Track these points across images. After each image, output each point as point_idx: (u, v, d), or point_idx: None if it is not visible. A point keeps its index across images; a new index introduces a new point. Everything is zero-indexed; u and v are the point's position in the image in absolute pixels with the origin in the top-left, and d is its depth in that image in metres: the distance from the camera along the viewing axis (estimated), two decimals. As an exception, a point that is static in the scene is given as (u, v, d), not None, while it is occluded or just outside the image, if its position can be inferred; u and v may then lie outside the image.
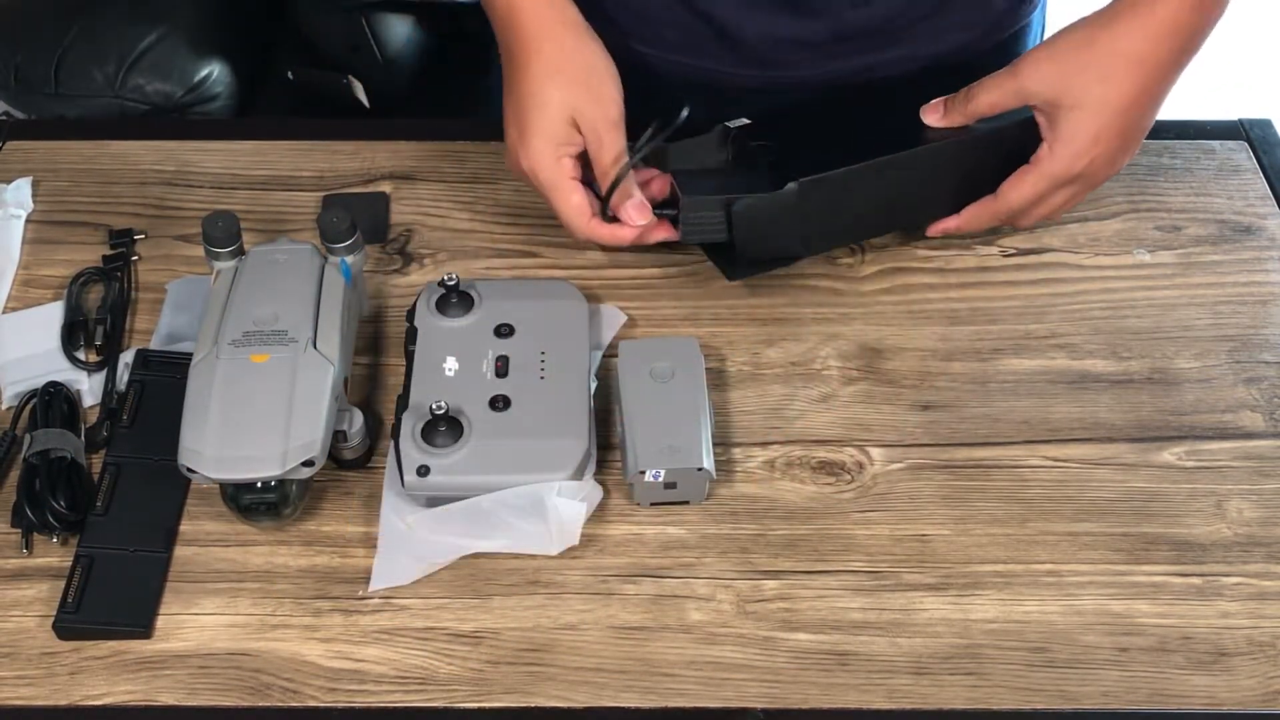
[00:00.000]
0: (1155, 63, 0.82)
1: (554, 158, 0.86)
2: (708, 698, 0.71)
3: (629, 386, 0.80)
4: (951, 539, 0.78)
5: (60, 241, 0.94)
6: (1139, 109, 0.84)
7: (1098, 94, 0.82)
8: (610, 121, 0.86)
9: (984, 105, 0.86)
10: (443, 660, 0.73)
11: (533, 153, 0.86)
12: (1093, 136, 0.83)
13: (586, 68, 0.87)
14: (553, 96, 0.86)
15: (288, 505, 0.75)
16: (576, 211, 0.86)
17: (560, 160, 0.86)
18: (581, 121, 0.85)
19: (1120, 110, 0.83)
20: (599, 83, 0.87)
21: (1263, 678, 0.72)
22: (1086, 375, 0.86)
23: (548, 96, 0.86)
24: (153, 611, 0.74)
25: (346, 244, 0.82)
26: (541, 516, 0.75)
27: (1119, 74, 0.82)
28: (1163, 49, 0.82)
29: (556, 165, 0.86)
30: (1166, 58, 0.83)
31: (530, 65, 0.86)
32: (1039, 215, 0.89)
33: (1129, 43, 0.82)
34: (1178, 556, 0.77)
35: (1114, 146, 0.84)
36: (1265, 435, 0.83)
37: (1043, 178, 0.85)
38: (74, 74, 1.39)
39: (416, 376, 0.80)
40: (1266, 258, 0.93)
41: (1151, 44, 0.82)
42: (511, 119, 0.88)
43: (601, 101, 0.86)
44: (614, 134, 0.86)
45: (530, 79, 0.86)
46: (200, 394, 0.74)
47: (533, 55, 0.87)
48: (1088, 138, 0.83)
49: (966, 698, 0.71)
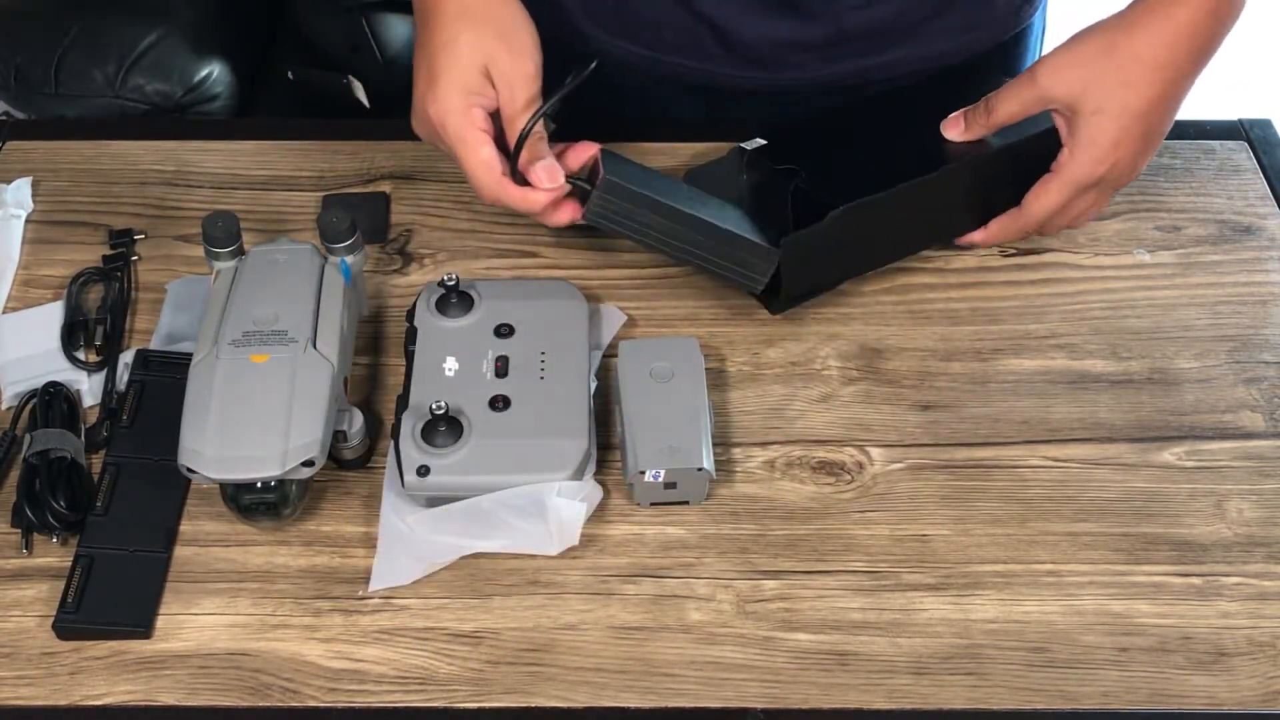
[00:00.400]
0: (1174, 67, 0.83)
1: (463, 107, 0.81)
2: (708, 698, 0.71)
3: (629, 386, 0.80)
4: (951, 539, 0.78)
5: (60, 241, 0.94)
6: (1159, 113, 0.84)
7: (1119, 98, 0.82)
8: (525, 75, 0.81)
9: (1004, 115, 0.85)
10: (443, 660, 0.73)
11: (440, 100, 0.81)
12: (1114, 140, 0.83)
13: (502, 16, 0.83)
14: (465, 43, 0.81)
15: (288, 505, 0.75)
16: (484, 167, 0.81)
17: (469, 110, 0.81)
18: (495, 72, 0.81)
19: (1141, 114, 0.83)
20: (515, 32, 0.82)
21: (1263, 678, 0.72)
22: (1086, 375, 0.86)
23: (460, 43, 0.81)
24: (153, 611, 0.74)
25: (346, 244, 0.82)
26: (541, 516, 0.75)
27: (1140, 78, 0.82)
28: (1181, 53, 0.83)
29: (465, 115, 0.81)
30: (1185, 61, 0.83)
31: (442, 11, 0.82)
32: (1062, 224, 0.89)
33: (1149, 48, 0.82)
34: (1178, 556, 0.77)
35: (1135, 150, 0.84)
36: (1265, 435, 0.83)
37: (1066, 184, 0.85)
38: (74, 74, 1.39)
39: (416, 376, 0.80)
40: (1266, 258, 0.93)
41: (1170, 49, 0.82)
42: (421, 68, 0.83)
43: (517, 52, 0.82)
44: (529, 87, 0.81)
45: (442, 25, 0.82)
46: (200, 394, 0.74)
47: (445, 3, 0.82)
48: (1109, 142, 0.83)
49: (966, 698, 0.71)
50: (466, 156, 0.81)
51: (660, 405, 0.79)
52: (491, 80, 0.81)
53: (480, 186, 0.81)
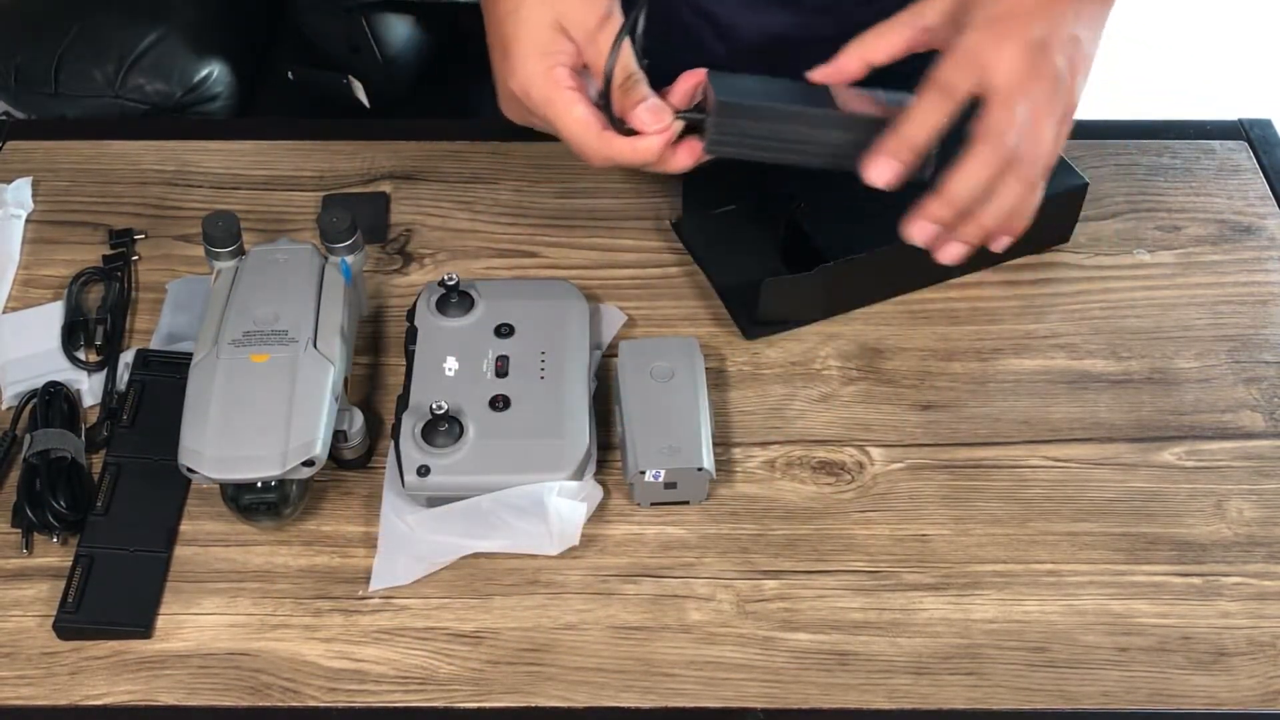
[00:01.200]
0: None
1: (543, 70, 0.75)
2: (708, 698, 0.71)
3: (629, 386, 0.80)
4: (951, 539, 0.78)
5: (60, 241, 0.94)
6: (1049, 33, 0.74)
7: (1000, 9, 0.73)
8: (601, 16, 0.75)
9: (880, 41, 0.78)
10: (443, 660, 0.73)
11: (518, 70, 0.76)
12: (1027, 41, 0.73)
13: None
14: (530, 3, 0.76)
15: (288, 505, 0.75)
16: (580, 125, 0.75)
17: (551, 71, 0.75)
18: (569, 23, 0.75)
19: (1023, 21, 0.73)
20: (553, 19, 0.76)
21: (1263, 678, 0.72)
22: (1086, 375, 0.86)
23: (525, 4, 0.76)
24: (153, 611, 0.74)
25: (346, 244, 0.82)
26: (541, 516, 0.75)
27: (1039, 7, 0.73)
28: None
29: (547, 77, 0.75)
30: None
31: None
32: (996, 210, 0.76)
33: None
34: (1178, 556, 0.77)
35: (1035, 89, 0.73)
36: (1265, 435, 0.83)
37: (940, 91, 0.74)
38: (74, 74, 1.39)
39: (416, 376, 0.80)
40: (1266, 258, 0.93)
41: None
42: (494, 44, 0.78)
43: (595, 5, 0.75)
44: (609, 28, 0.75)
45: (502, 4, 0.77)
46: (200, 394, 0.74)
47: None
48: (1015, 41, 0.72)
49: (966, 698, 0.71)
50: (560, 118, 0.75)
51: (660, 405, 0.79)
52: (568, 34, 0.76)
53: (583, 148, 0.76)
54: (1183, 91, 2.28)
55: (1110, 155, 1.00)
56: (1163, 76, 2.26)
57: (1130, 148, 1.01)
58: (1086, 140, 0.98)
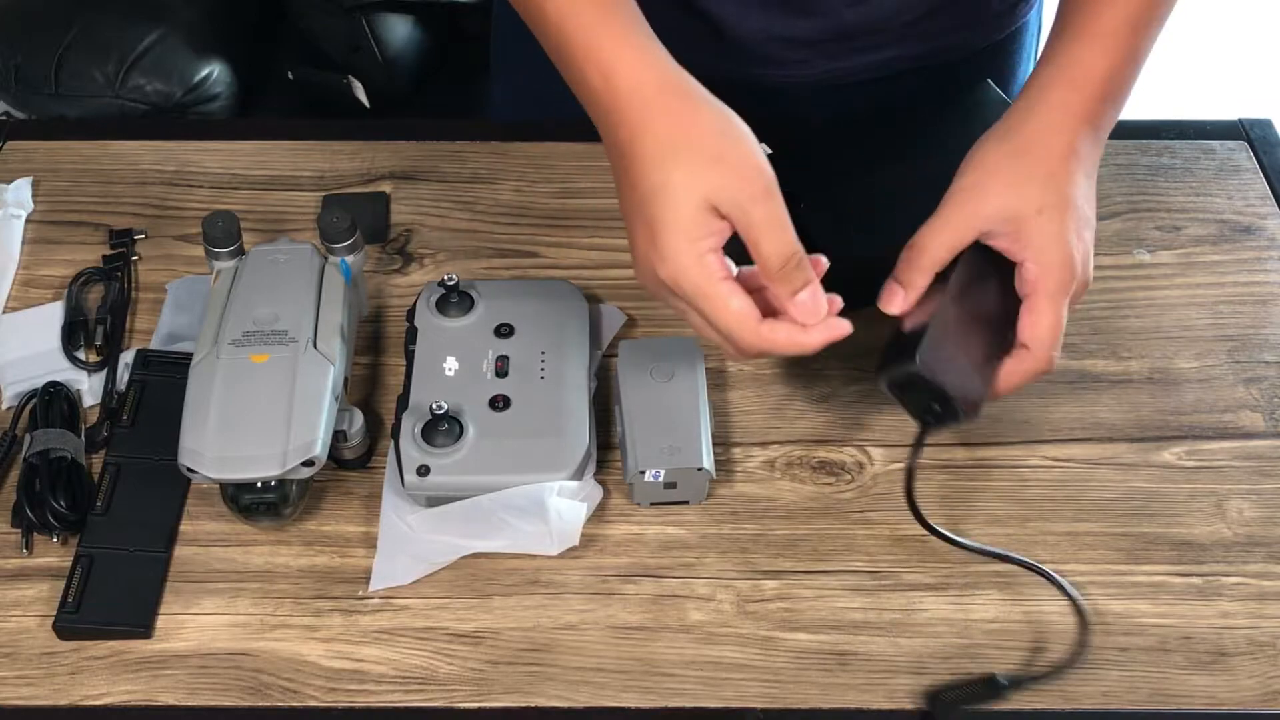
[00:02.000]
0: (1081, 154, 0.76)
1: (696, 258, 0.69)
2: (708, 698, 0.71)
3: (629, 386, 0.80)
4: (952, 539, 0.77)
5: (60, 241, 0.94)
6: (1084, 198, 0.76)
7: (1055, 189, 0.74)
8: (760, 191, 0.69)
9: (936, 252, 0.74)
10: (443, 660, 0.73)
11: (669, 259, 0.69)
12: (1073, 229, 0.74)
13: (713, 135, 0.70)
14: (678, 183, 0.69)
15: (288, 505, 0.75)
16: (739, 320, 0.70)
17: (703, 259, 0.69)
18: (722, 202, 0.69)
19: (1074, 202, 0.75)
20: (733, 148, 0.70)
21: (1263, 678, 0.72)
22: (1086, 375, 0.86)
23: (673, 185, 0.69)
24: (153, 611, 0.74)
25: (346, 244, 0.82)
26: (541, 516, 0.75)
27: (1060, 168, 0.75)
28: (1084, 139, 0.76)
29: (700, 268, 0.69)
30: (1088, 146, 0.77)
31: (641, 146, 0.70)
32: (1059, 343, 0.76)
33: (1056, 137, 0.75)
34: (1178, 556, 0.77)
35: (1084, 238, 0.75)
36: (1265, 435, 0.83)
37: (1054, 297, 0.74)
38: (74, 74, 1.39)
39: (416, 376, 0.80)
40: (1266, 258, 0.93)
41: (1072, 134, 0.76)
42: (635, 220, 0.71)
43: (739, 169, 0.69)
44: (768, 205, 0.69)
45: (647, 167, 0.70)
46: (200, 394, 0.74)
47: (642, 134, 0.70)
48: (1069, 233, 0.74)
49: (966, 698, 0.71)
50: (716, 312, 0.70)
51: (660, 405, 0.79)
52: (719, 212, 0.69)
53: (741, 342, 0.70)
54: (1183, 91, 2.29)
55: (1110, 155, 1.00)
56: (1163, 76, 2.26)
57: (1130, 148, 1.01)
58: (1086, 140, 0.97)
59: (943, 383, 0.73)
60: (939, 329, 0.74)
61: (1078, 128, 0.76)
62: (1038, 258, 0.73)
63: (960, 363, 0.74)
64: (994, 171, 0.75)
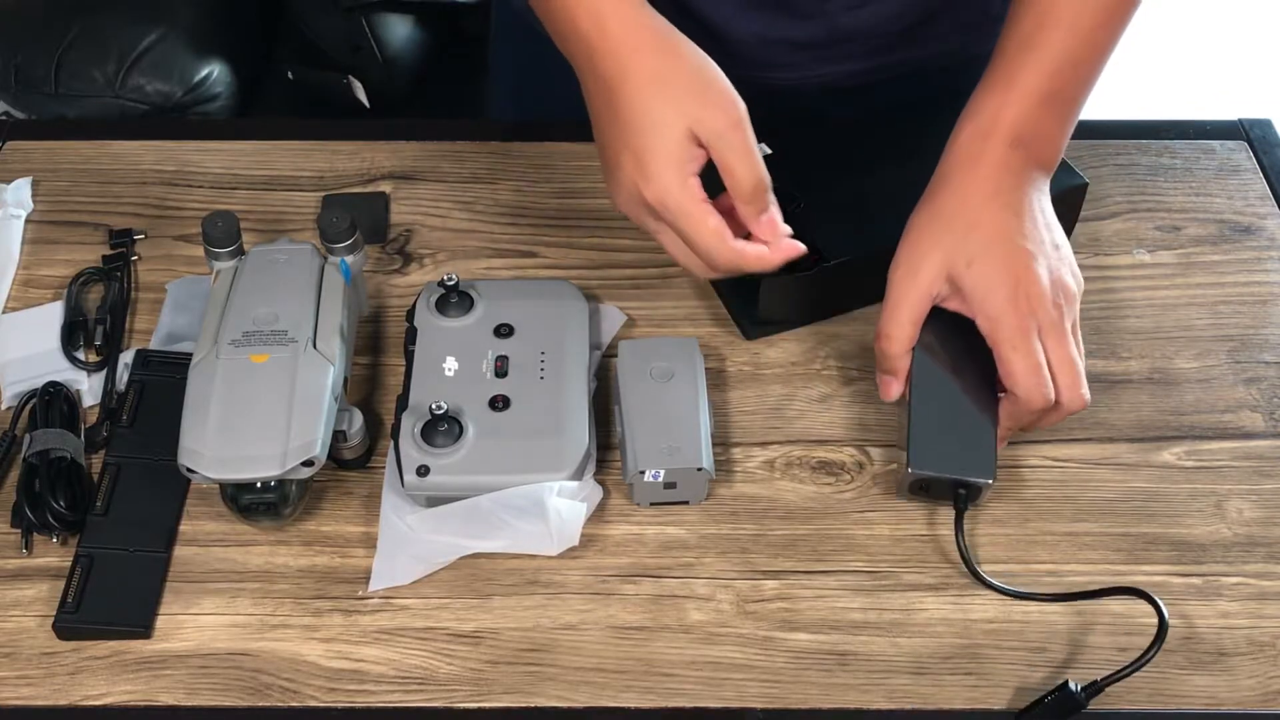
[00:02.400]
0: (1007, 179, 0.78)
1: (680, 181, 0.76)
2: (708, 698, 0.71)
3: (629, 386, 0.80)
4: (952, 539, 0.77)
5: (60, 241, 0.94)
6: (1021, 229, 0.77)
7: (978, 238, 0.76)
8: (734, 121, 0.76)
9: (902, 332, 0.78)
10: (443, 660, 0.73)
11: (655, 180, 0.76)
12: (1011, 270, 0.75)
13: (692, 70, 0.77)
14: (665, 111, 0.76)
15: (288, 505, 0.75)
16: (715, 237, 0.76)
17: (686, 182, 0.76)
18: (702, 131, 0.75)
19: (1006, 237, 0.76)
20: (710, 84, 0.77)
21: (1263, 678, 0.72)
22: (1086, 375, 0.86)
23: (659, 113, 0.76)
24: (153, 611, 0.74)
25: (346, 244, 0.82)
26: (541, 517, 0.75)
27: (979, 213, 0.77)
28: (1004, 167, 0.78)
29: (684, 190, 0.76)
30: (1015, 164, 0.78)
31: (628, 81, 0.77)
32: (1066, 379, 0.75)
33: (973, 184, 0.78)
34: (1178, 556, 0.77)
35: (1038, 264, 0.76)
36: (1265, 435, 0.83)
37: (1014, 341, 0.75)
38: (74, 74, 1.39)
39: (416, 376, 0.80)
40: (1266, 258, 0.93)
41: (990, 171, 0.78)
42: (620, 148, 0.77)
43: (718, 104, 0.76)
44: (742, 134, 0.76)
45: (632, 99, 0.76)
46: (200, 394, 0.74)
47: (629, 70, 0.77)
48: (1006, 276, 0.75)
49: (966, 698, 0.71)
50: (695, 230, 0.76)
51: (660, 405, 0.79)
52: (699, 140, 0.76)
53: (714, 256, 0.77)
54: (1183, 91, 2.28)
55: (1110, 155, 1.00)
56: (1163, 76, 2.26)
57: (1130, 148, 1.01)
58: (1087, 140, 0.98)
59: (945, 471, 0.76)
60: (919, 424, 0.77)
61: (993, 162, 0.78)
62: (982, 309, 0.76)
63: (952, 444, 0.77)
64: (920, 240, 0.78)
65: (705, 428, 0.78)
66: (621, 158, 0.77)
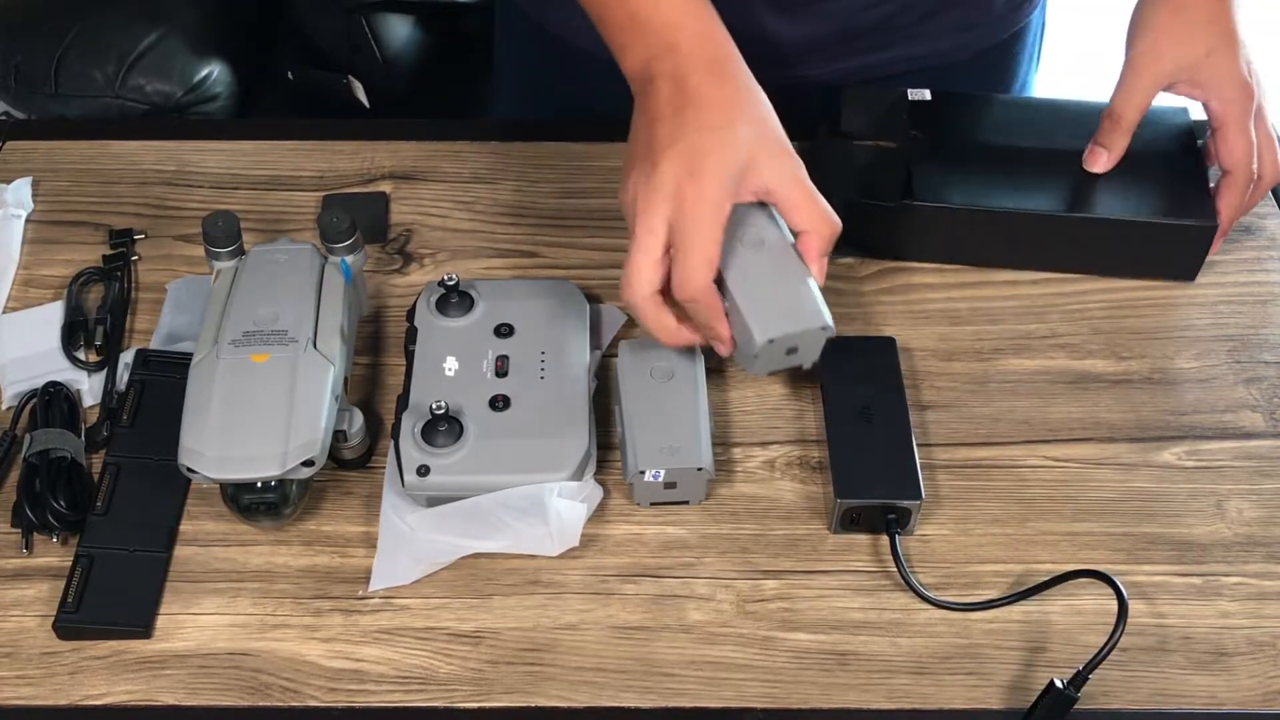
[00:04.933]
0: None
1: (721, 200, 0.72)
2: (708, 698, 0.71)
3: (629, 386, 0.80)
4: (951, 539, 0.78)
5: (60, 241, 0.94)
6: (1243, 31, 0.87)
7: (1217, 30, 0.85)
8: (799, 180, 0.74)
9: (1133, 112, 0.86)
10: (443, 660, 0.73)
11: (704, 183, 0.71)
12: (1243, 61, 0.85)
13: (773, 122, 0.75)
14: (740, 134, 0.73)
15: (288, 505, 0.75)
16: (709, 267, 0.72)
17: (724, 204, 0.72)
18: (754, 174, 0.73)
19: (1234, 36, 0.86)
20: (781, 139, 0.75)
21: (1263, 678, 0.72)
22: (1086, 375, 0.86)
23: (735, 131, 0.73)
24: (153, 611, 0.74)
25: (346, 244, 0.82)
26: (541, 517, 0.75)
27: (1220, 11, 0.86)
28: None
29: (720, 211, 0.72)
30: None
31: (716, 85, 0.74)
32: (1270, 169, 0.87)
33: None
34: (1178, 556, 0.77)
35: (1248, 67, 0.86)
36: (1265, 435, 0.83)
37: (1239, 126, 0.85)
38: (74, 74, 1.39)
39: (416, 376, 0.80)
40: (1266, 258, 0.93)
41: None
42: (674, 141, 0.72)
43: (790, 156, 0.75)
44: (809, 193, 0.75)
45: (713, 106, 0.73)
46: (200, 394, 0.74)
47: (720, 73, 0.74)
48: (1241, 65, 0.85)
49: (966, 698, 0.71)
50: (698, 248, 0.72)
51: (660, 405, 0.79)
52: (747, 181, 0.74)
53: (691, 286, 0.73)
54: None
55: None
56: (1163, 76, 2.25)
57: (1130, 148, 1.00)
58: (1086, 140, 0.97)
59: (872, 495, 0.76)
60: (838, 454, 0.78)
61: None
62: (1219, 94, 0.85)
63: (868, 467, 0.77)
64: (1162, 30, 0.86)
65: (705, 428, 0.78)
66: (674, 151, 0.72)
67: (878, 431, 0.79)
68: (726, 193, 0.72)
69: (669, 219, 0.72)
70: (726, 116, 0.73)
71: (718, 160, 0.72)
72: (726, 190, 0.72)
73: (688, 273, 0.72)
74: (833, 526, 0.78)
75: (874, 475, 0.77)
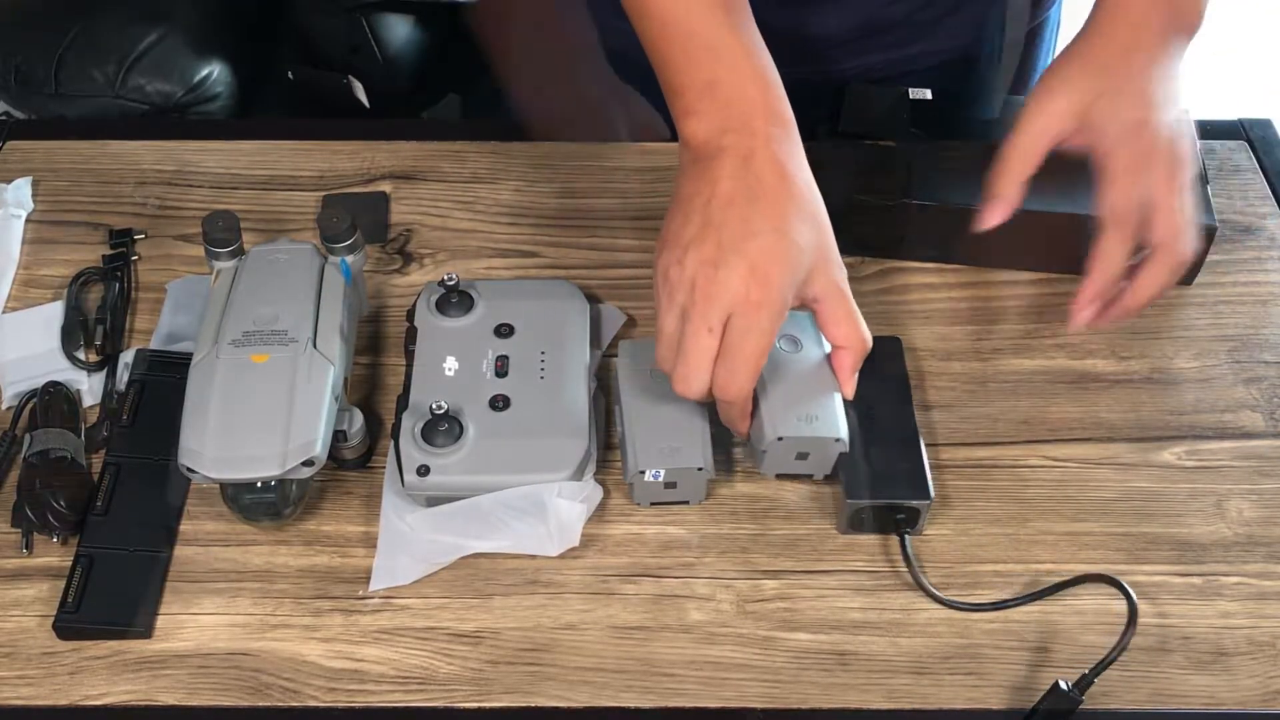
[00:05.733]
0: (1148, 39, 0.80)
1: (784, 306, 0.71)
2: (708, 698, 0.71)
3: (629, 386, 0.80)
4: (951, 539, 0.78)
5: (60, 241, 0.94)
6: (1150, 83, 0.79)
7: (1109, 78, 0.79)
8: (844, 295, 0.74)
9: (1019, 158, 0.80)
10: (443, 660, 0.73)
11: (772, 298, 0.70)
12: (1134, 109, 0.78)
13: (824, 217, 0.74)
14: (805, 241, 0.71)
15: (288, 505, 0.75)
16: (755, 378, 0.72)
17: (782, 317, 0.71)
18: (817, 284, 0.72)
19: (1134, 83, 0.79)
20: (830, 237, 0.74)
21: (1263, 678, 0.72)
22: (1086, 375, 0.86)
23: (800, 238, 0.71)
24: (153, 611, 0.74)
25: (346, 244, 0.82)
26: (542, 517, 0.75)
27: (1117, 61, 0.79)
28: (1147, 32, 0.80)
29: (781, 316, 0.71)
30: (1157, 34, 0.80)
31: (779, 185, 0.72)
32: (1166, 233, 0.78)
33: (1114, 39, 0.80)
34: (1178, 556, 0.77)
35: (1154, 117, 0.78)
36: (1265, 435, 0.83)
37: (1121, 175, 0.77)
38: (74, 74, 1.39)
39: (416, 376, 0.80)
40: (1266, 258, 0.93)
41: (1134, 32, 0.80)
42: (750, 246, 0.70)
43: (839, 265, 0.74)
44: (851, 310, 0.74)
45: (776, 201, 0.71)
46: (200, 394, 0.74)
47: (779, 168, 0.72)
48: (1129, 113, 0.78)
49: (966, 698, 0.71)
50: (752, 356, 0.70)
51: (660, 405, 0.79)
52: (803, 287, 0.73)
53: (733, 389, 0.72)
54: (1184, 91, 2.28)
55: (1110, 155, 1.00)
56: (1162, 76, 2.26)
57: (1130, 148, 1.00)
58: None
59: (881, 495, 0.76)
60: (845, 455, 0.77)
61: (1135, 20, 0.80)
62: (1101, 138, 0.78)
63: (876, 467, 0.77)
64: (1055, 76, 0.80)
65: (705, 428, 0.78)
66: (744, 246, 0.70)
67: (885, 431, 0.79)
68: (787, 303, 0.71)
69: (727, 317, 0.70)
70: (793, 216, 0.71)
71: (785, 269, 0.70)
72: (788, 301, 0.71)
73: (735, 378, 0.71)
74: (841, 527, 0.78)
75: (882, 475, 0.77)
